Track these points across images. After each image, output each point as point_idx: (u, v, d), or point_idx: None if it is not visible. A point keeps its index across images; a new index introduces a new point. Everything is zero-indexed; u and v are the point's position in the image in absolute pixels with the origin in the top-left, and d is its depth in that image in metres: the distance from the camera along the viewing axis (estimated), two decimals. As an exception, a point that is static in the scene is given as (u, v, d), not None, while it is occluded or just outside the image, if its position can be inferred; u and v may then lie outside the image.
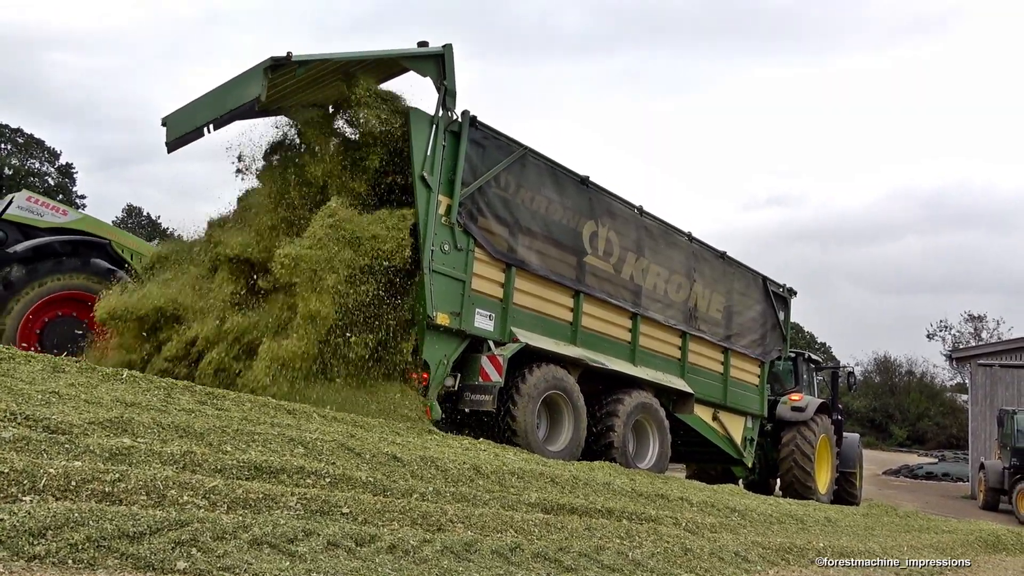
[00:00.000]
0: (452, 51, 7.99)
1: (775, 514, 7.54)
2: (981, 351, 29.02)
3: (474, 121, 8.20)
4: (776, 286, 13.21)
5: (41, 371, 4.87)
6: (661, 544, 5.08)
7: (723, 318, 11.81)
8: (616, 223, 9.90)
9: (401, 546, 3.70)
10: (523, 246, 8.69)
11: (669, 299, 10.71)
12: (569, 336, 9.19)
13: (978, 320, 56.49)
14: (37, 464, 3.16)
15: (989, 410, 25.34)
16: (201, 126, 7.97)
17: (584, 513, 5.21)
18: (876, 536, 8.18)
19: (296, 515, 3.62)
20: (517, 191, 8.71)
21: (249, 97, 7.37)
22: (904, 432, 50.46)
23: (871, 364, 57.84)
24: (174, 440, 3.99)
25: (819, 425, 13.68)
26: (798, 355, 15.68)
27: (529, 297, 8.79)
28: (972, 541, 9.40)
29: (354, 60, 8.00)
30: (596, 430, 9.20)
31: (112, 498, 3.21)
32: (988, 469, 21.60)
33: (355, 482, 4.18)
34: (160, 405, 4.67)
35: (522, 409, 8.04)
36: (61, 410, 3.97)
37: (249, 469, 3.87)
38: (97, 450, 3.53)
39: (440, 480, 4.81)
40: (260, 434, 4.42)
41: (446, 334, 7.95)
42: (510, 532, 4.38)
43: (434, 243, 7.81)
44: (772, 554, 5.88)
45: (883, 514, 10.80)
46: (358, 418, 5.90)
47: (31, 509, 2.89)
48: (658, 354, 10.56)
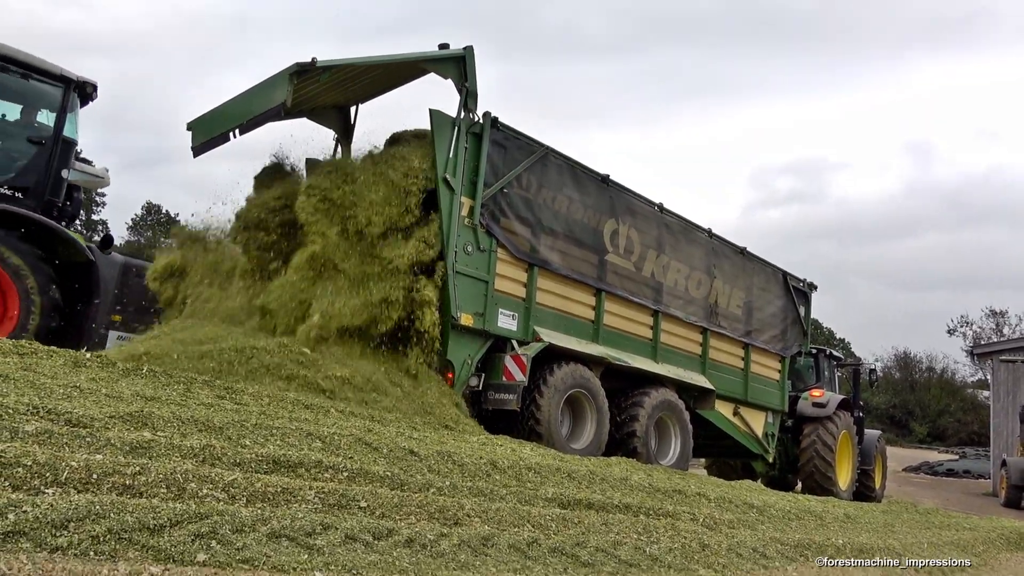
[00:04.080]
0: (473, 53, 7.92)
1: (793, 510, 7.38)
2: (1003, 347, 28.36)
3: (495, 122, 8.11)
4: (796, 281, 12.99)
5: (63, 365, 4.86)
6: (679, 539, 4.97)
7: (743, 314, 11.63)
8: (637, 221, 9.78)
9: (418, 540, 3.64)
10: (545, 246, 8.60)
11: (690, 296, 10.56)
12: (591, 334, 9.08)
13: (1000, 316, 55.30)
14: (59, 457, 3.14)
15: (1011, 406, 24.74)
16: (227, 131, 7.97)
17: (601, 508, 5.11)
18: (896, 533, 7.98)
19: (314, 508, 3.57)
20: (539, 191, 8.62)
21: (275, 102, 7.37)
22: (924, 429, 49.56)
23: (891, 360, 56.89)
24: (194, 434, 3.96)
25: (840, 421, 13.43)
26: (819, 351, 15.44)
27: (551, 296, 8.70)
28: (993, 538, 9.15)
29: (377, 64, 7.97)
30: (619, 428, 9.09)
31: (133, 491, 3.18)
32: (1010, 466, 21.09)
33: (373, 476, 4.12)
34: (180, 399, 4.65)
35: (546, 408, 7.95)
36: (83, 404, 3.95)
37: (268, 463, 3.83)
38: (118, 443, 3.50)
39: (457, 475, 4.74)
40: (278, 428, 4.39)
41: (470, 334, 7.89)
42: (527, 527, 4.30)
43: (457, 244, 7.74)
44: (790, 550, 5.73)
45: (903, 511, 10.56)
46: (375, 413, 5.86)
47: (53, 501, 2.86)
48: (679, 351, 10.42)
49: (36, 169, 8.40)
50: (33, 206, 8.19)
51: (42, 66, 8.44)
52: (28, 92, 8.49)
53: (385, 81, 8.69)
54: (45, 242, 8.10)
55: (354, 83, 8.46)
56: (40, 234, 8.04)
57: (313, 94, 8.23)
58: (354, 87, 8.62)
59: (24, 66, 8.30)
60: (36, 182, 8.37)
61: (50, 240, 8.13)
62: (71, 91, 8.63)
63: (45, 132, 8.54)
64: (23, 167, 8.38)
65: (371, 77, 8.42)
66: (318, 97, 8.47)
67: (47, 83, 8.50)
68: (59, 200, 8.60)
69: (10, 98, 8.50)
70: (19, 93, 8.48)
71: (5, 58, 8.18)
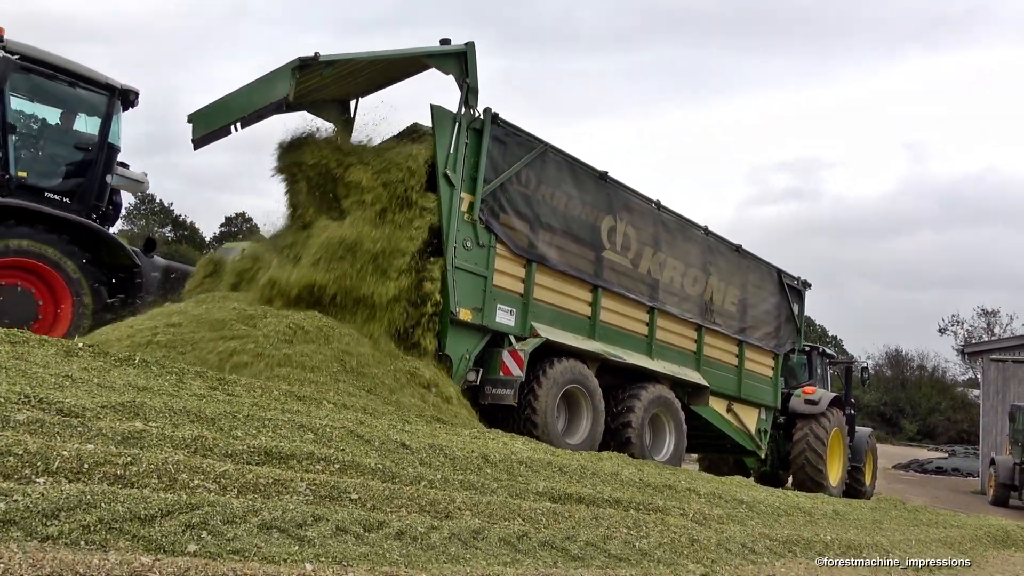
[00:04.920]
0: (474, 48, 7.87)
1: (783, 506, 7.36)
2: (994, 346, 28.32)
3: (496, 118, 8.07)
4: (791, 279, 12.96)
5: (55, 355, 4.80)
6: (668, 534, 4.95)
7: (738, 311, 11.60)
8: (634, 218, 9.74)
9: (409, 532, 3.62)
10: (543, 242, 8.56)
11: (685, 292, 10.53)
12: (588, 330, 9.06)
13: (991, 315, 55.35)
14: (50, 446, 3.11)
15: (1001, 405, 24.73)
16: (228, 124, 7.94)
17: (591, 503, 5.08)
18: (884, 530, 7.96)
19: (305, 500, 3.54)
20: (537, 187, 8.58)
21: (277, 96, 7.33)
22: (915, 426, 49.62)
23: (882, 358, 56.93)
24: (185, 424, 3.92)
25: (832, 419, 13.42)
26: (812, 349, 15.43)
27: (549, 292, 8.67)
28: (981, 536, 9.14)
29: (379, 59, 7.92)
30: (614, 423, 9.06)
31: (124, 481, 3.15)
32: (999, 465, 21.12)
33: (364, 468, 4.09)
34: (172, 390, 4.61)
35: (542, 403, 7.93)
36: (74, 394, 3.91)
37: (259, 454, 3.80)
38: (109, 433, 3.47)
39: (448, 468, 4.72)
40: (270, 420, 4.35)
41: (468, 329, 7.86)
42: (518, 520, 4.28)
43: (457, 240, 7.70)
44: (779, 546, 5.72)
45: (891, 508, 10.55)
46: (368, 405, 5.82)
47: (44, 491, 2.84)
48: (674, 347, 10.39)
49: (83, 174, 8.68)
50: (80, 210, 8.46)
51: (88, 74, 8.71)
52: (74, 99, 8.77)
53: (386, 76, 8.64)
54: (93, 245, 8.35)
55: (355, 77, 8.41)
56: (88, 238, 8.30)
57: (314, 88, 8.18)
58: (355, 81, 8.56)
59: (72, 74, 8.58)
60: (83, 187, 8.66)
61: (97, 244, 8.40)
62: (115, 98, 8.91)
63: (87, 138, 8.80)
64: (70, 172, 8.68)
65: (372, 71, 8.37)
66: (319, 91, 8.41)
67: (93, 91, 8.77)
68: (103, 205, 8.86)
69: (58, 105, 8.77)
70: (66, 100, 8.75)
71: (55, 67, 8.45)
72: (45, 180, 8.46)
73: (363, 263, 7.24)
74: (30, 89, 8.43)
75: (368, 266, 7.26)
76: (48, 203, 8.22)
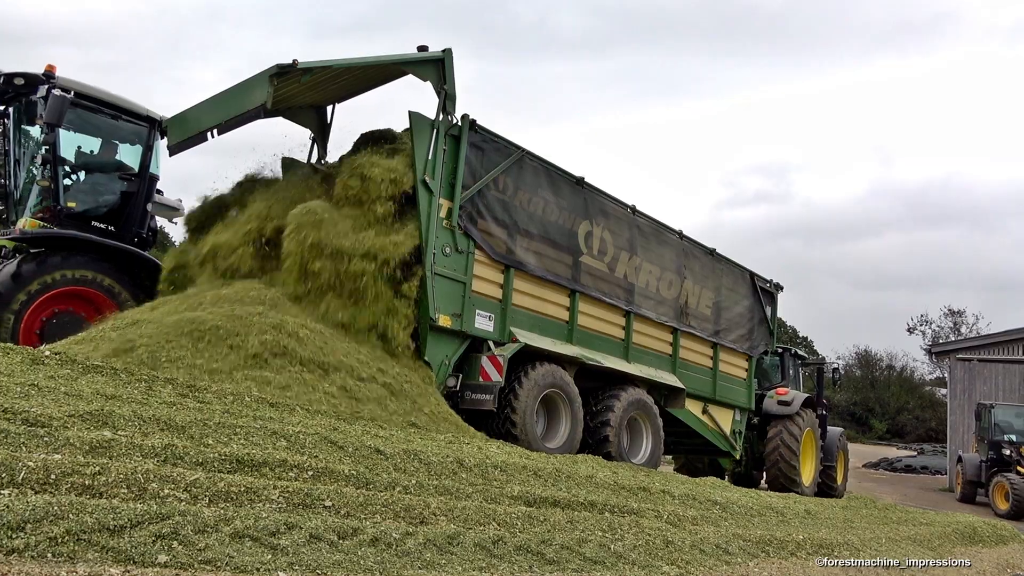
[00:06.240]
0: (452, 56, 7.81)
1: (756, 507, 7.36)
2: (960, 345, 28.66)
3: (473, 125, 8.01)
4: (763, 281, 13.01)
5: (20, 363, 4.68)
6: (643, 537, 4.91)
7: (712, 314, 11.62)
8: (610, 223, 9.73)
9: (384, 539, 3.55)
10: (521, 247, 8.52)
11: (661, 296, 10.53)
12: (566, 335, 9.02)
13: (958, 315, 55.92)
14: (16, 457, 3.01)
15: (967, 404, 25.00)
16: (205, 130, 7.85)
17: (567, 506, 5.04)
18: (855, 528, 7.99)
19: (278, 508, 3.47)
20: (515, 193, 8.53)
21: (254, 104, 7.24)
22: (884, 425, 50.00)
23: (852, 358, 57.33)
24: (155, 433, 3.82)
25: (805, 419, 13.48)
26: (785, 350, 15.51)
27: (527, 297, 8.61)
28: (949, 533, 9.20)
29: (357, 66, 7.85)
30: (592, 426, 9.03)
31: (92, 491, 3.06)
32: (966, 462, 21.34)
33: (338, 475, 4.01)
34: (141, 398, 4.49)
35: (521, 408, 7.88)
36: (40, 403, 3.80)
37: (231, 462, 3.71)
38: (77, 443, 3.37)
39: (423, 473, 4.65)
40: (242, 427, 4.25)
41: (447, 335, 7.79)
42: (493, 525, 4.22)
43: (436, 246, 7.64)
44: (752, 546, 5.70)
45: (862, 507, 10.60)
46: (341, 411, 5.73)
47: (10, 503, 2.75)
48: (651, 351, 10.38)
49: (126, 203, 8.92)
50: (124, 237, 8.71)
51: (130, 107, 8.95)
52: (117, 131, 8.99)
53: (363, 82, 8.57)
54: (137, 270, 8.61)
55: (332, 84, 8.33)
56: (132, 263, 8.57)
57: (291, 94, 8.09)
58: (332, 87, 8.48)
59: (115, 108, 8.83)
60: (127, 215, 8.91)
61: (141, 268, 8.65)
62: (155, 129, 9.10)
63: (129, 168, 9.05)
64: (114, 201, 8.90)
65: (350, 78, 8.29)
66: (296, 97, 8.33)
67: (134, 122, 9.01)
68: (144, 231, 9.10)
69: (102, 137, 8.99)
70: (110, 132, 8.98)
71: (100, 101, 8.67)
72: (92, 209, 8.69)
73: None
74: (78, 122, 8.63)
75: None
76: (95, 232, 8.50)
